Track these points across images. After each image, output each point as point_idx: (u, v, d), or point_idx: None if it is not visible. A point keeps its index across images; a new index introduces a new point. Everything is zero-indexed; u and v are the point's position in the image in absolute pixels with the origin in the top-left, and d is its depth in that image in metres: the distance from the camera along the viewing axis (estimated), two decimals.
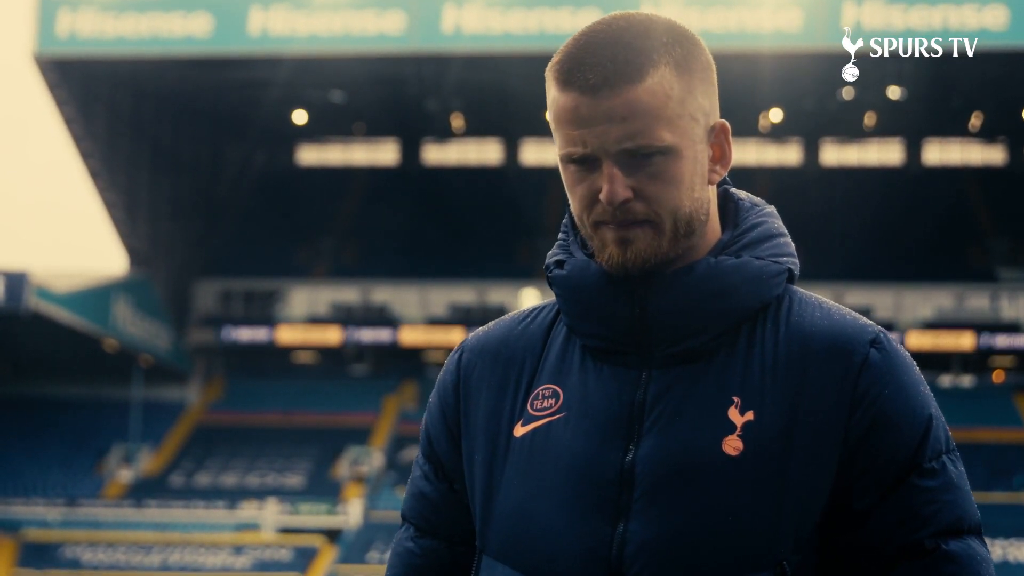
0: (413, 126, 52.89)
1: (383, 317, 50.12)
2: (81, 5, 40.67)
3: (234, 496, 42.58)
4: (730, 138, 2.07)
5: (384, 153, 56.48)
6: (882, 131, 52.79)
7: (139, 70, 43.02)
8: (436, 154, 55.82)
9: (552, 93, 2.02)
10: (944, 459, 2.03)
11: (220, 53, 41.72)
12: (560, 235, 2.15)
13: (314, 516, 40.95)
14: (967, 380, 49.72)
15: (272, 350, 50.71)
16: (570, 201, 2.05)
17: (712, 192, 2.07)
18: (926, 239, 49.88)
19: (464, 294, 50.17)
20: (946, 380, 49.44)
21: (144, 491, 43.63)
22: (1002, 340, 47.96)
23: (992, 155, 54.72)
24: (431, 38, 40.22)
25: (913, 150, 54.21)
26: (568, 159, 2.01)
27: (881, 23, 37.78)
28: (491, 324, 2.23)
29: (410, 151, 55.71)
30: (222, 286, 51.34)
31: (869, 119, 50.84)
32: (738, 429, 1.97)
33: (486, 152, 55.62)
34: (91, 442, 46.82)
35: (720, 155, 2.07)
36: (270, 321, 49.93)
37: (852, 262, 47.88)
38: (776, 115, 50.52)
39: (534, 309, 2.21)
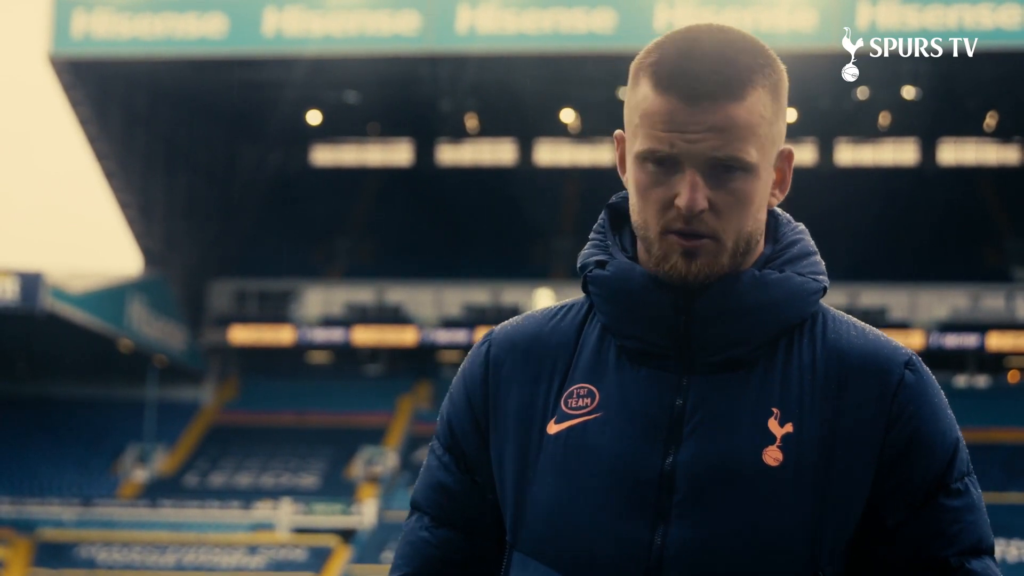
0: (427, 126, 52.90)
1: (397, 317, 50.14)
2: (96, 6, 40.75)
3: (249, 496, 42.63)
4: (792, 166, 2.12)
5: (398, 153, 56.50)
6: (897, 131, 52.69)
7: (154, 71, 43.09)
8: (450, 154, 55.82)
9: (644, 91, 2.02)
10: (967, 480, 2.09)
11: (234, 54, 41.79)
12: (595, 235, 2.16)
13: (328, 516, 40.99)
14: (982, 380, 49.60)
15: (286, 350, 50.75)
16: (638, 203, 2.05)
17: (766, 213, 2.11)
18: (941, 239, 49.78)
19: (478, 294, 50.15)
20: (961, 380, 49.34)
21: (159, 491, 43.70)
22: (1017, 340, 47.84)
23: (1007, 155, 54.59)
24: (445, 38, 40.23)
25: (928, 150, 54.10)
26: (649, 157, 2.01)
27: (896, 23, 37.73)
28: (519, 318, 2.23)
29: (424, 151, 55.72)
30: (237, 286, 51.40)
31: (884, 119, 50.75)
32: (778, 440, 2.01)
33: (500, 152, 55.61)
34: (106, 442, 46.91)
35: (781, 180, 2.11)
36: (285, 321, 49.98)
37: (867, 262, 47.79)
38: (791, 115, 50.34)
39: (563, 307, 2.21)
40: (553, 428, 2.08)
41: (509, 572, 2.12)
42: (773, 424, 2.01)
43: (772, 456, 2.00)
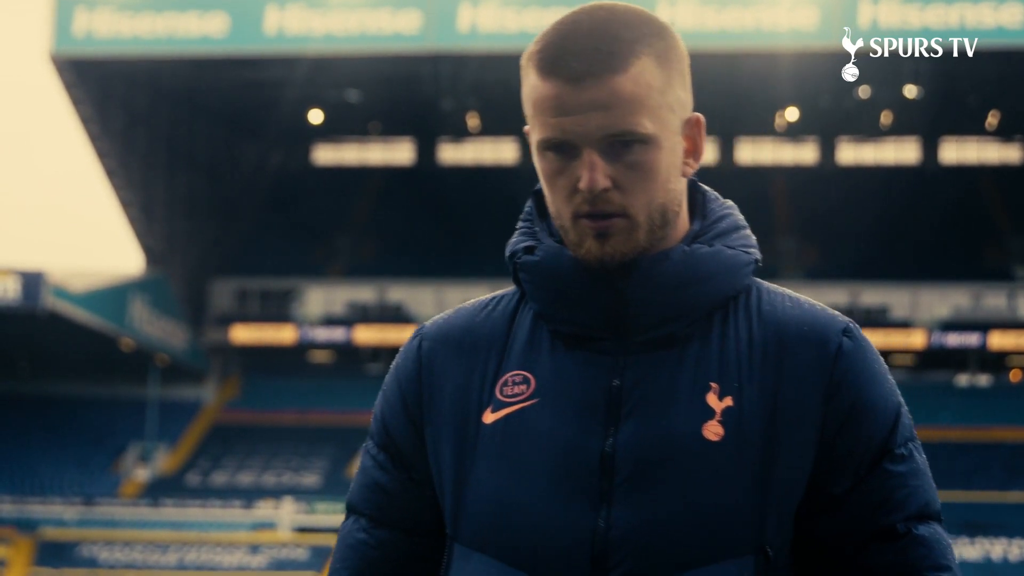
0: (429, 125, 52.90)
1: (399, 316, 50.15)
2: (98, 5, 40.77)
3: (250, 495, 42.64)
4: (704, 132, 2.10)
5: (400, 152, 56.52)
6: (898, 130, 52.67)
7: (155, 70, 43.11)
8: (452, 153, 55.84)
9: (531, 81, 2.03)
10: (911, 446, 2.08)
11: (236, 53, 41.79)
12: (523, 223, 2.16)
13: (330, 515, 40.96)
14: (984, 379, 49.59)
15: (288, 349, 50.77)
16: (547, 193, 2.05)
17: (684, 185, 2.09)
18: (942, 238, 49.78)
19: (480, 293, 49.42)
20: (963, 379, 49.35)
21: (160, 490, 43.72)
22: (1018, 340, 47.83)
23: (1009, 154, 54.58)
24: (447, 37, 40.24)
25: (930, 149, 54.10)
26: (546, 145, 2.01)
27: (897, 22, 37.72)
28: (450, 312, 2.23)
29: (426, 150, 55.74)
30: (238, 285, 51.42)
31: (885, 118, 50.74)
32: (717, 415, 1.99)
33: (502, 151, 55.61)
34: (107, 441, 46.93)
35: (693, 148, 2.09)
36: (286, 320, 50.00)
37: (868, 261, 47.80)
38: (792, 114, 50.46)
39: (494, 297, 2.21)
40: (489, 417, 2.06)
41: (451, 566, 2.09)
42: (712, 399, 2.00)
43: (712, 431, 1.98)
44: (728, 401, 2.00)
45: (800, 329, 2.05)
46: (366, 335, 49.36)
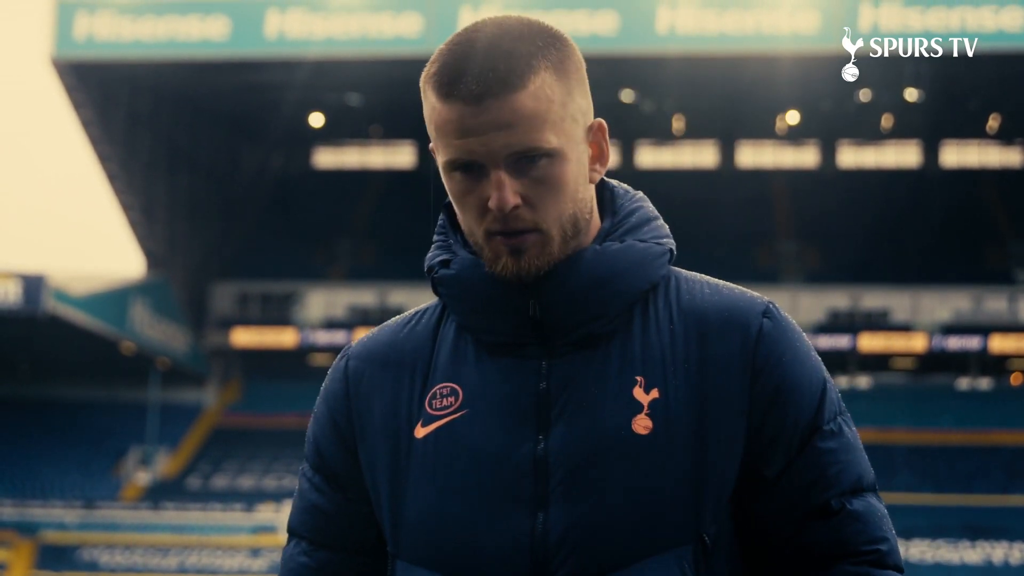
0: None
1: None
2: (99, 8, 40.78)
3: (251, 498, 42.63)
4: (607, 136, 2.11)
5: (401, 155, 56.54)
6: (899, 133, 52.67)
7: (156, 73, 43.11)
8: None
9: (431, 103, 2.04)
10: (840, 420, 2.09)
11: (237, 56, 41.79)
12: (437, 236, 2.16)
13: None
14: (984, 383, 49.57)
15: (289, 352, 50.77)
16: (459, 212, 2.06)
17: (592, 190, 2.11)
18: (943, 241, 49.76)
19: None
20: (964, 383, 49.32)
21: (161, 493, 43.71)
22: (1018, 343, 47.82)
23: (1010, 157, 54.57)
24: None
25: (930, 152, 54.10)
26: (453, 166, 2.01)
27: (898, 25, 37.71)
28: (375, 330, 2.23)
29: (427, 154, 55.55)
30: (239, 288, 51.43)
31: (886, 121, 50.75)
32: (645, 408, 2.01)
33: None
34: (108, 444, 46.92)
35: (599, 154, 2.10)
36: (287, 323, 50.01)
37: (869, 264, 47.79)
38: (793, 117, 50.45)
39: (417, 312, 2.21)
40: (420, 432, 2.07)
41: None
42: (639, 392, 2.02)
43: (642, 424, 2.00)
44: (655, 393, 2.02)
45: (720, 315, 2.07)
46: None
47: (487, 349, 2.08)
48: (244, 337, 49.62)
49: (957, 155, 54.57)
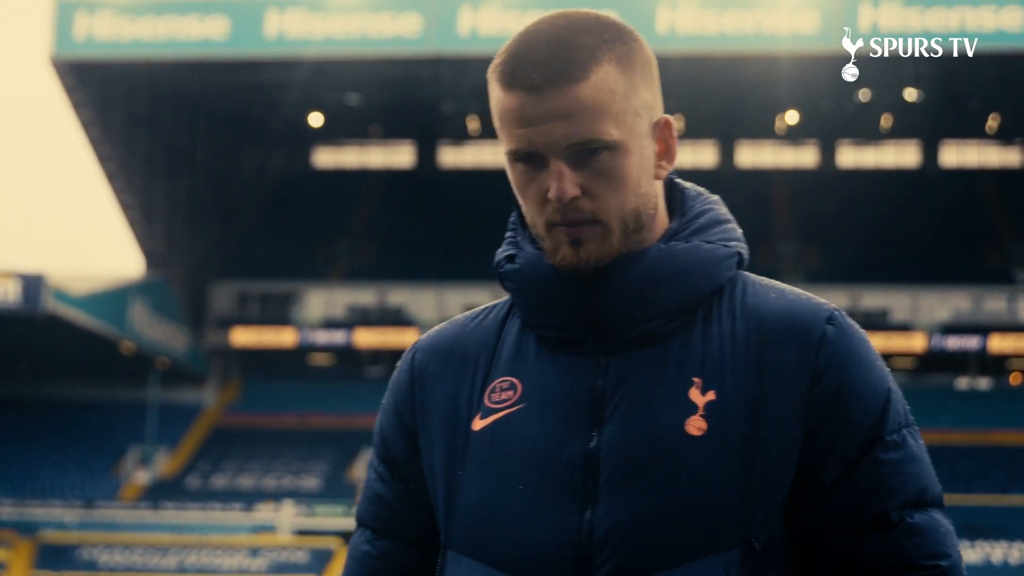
0: (429, 128, 52.93)
1: (399, 319, 50.16)
2: (98, 8, 40.79)
3: (250, 498, 42.63)
4: (674, 133, 2.09)
5: (400, 155, 56.54)
6: (899, 133, 52.69)
7: (156, 73, 43.12)
8: (452, 156, 55.86)
9: (496, 93, 2.02)
10: (904, 432, 2.06)
11: (236, 56, 41.81)
12: (508, 232, 2.19)
13: (330, 518, 40.95)
14: (984, 383, 49.60)
15: (288, 352, 50.78)
16: (521, 203, 2.08)
17: (658, 187, 2.10)
18: (943, 241, 49.78)
19: (480, 296, 50.11)
20: (963, 382, 49.34)
21: (161, 493, 43.71)
22: (1018, 343, 47.85)
23: (1009, 157, 54.59)
24: (447, 40, 40.25)
25: (930, 152, 54.11)
26: (515, 157, 2.03)
27: (898, 25, 37.73)
28: (444, 323, 2.24)
29: (426, 153, 55.75)
30: (238, 288, 51.43)
31: (885, 121, 50.76)
32: (700, 409, 1.99)
33: (501, 155, 54.94)
34: (108, 444, 46.92)
35: (665, 150, 2.09)
36: (286, 323, 50.02)
37: (869, 264, 47.81)
38: (792, 117, 50.47)
39: (486, 307, 2.23)
40: (478, 424, 2.08)
41: (444, 572, 2.11)
42: (695, 394, 2.00)
43: (695, 426, 1.98)
44: (711, 395, 2.00)
45: (783, 320, 2.05)
46: (366, 338, 49.36)
47: (547, 345, 2.09)
48: (243, 337, 49.62)
49: (956, 155, 54.59)
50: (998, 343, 47.50)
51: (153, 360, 46.94)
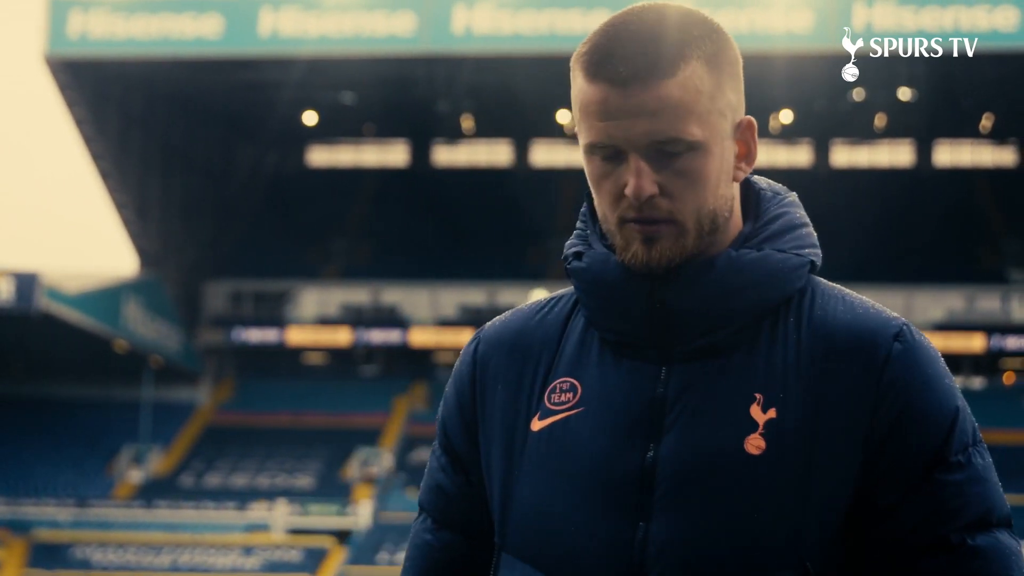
0: (423, 127, 52.91)
1: (393, 318, 50.15)
2: (92, 6, 40.74)
3: (244, 497, 42.62)
4: (756, 135, 2.07)
5: (394, 154, 56.52)
6: (893, 132, 52.74)
7: (150, 71, 43.08)
8: (446, 155, 55.85)
9: (579, 83, 1.97)
10: (970, 452, 2.01)
11: (231, 54, 41.78)
12: (579, 225, 2.12)
13: (324, 517, 40.98)
14: (978, 382, 49.63)
15: (282, 351, 50.75)
16: (594, 196, 2.02)
17: (736, 188, 2.05)
18: (937, 241, 49.82)
19: (474, 295, 50.16)
20: (957, 382, 49.29)
21: (154, 492, 43.69)
22: (1013, 342, 47.87)
23: (1003, 156, 54.64)
24: (441, 39, 40.23)
25: (924, 151, 54.16)
26: (593, 150, 1.97)
27: (892, 24, 37.74)
28: (508, 314, 2.19)
29: (420, 152, 55.74)
30: (232, 287, 51.40)
31: (879, 120, 50.79)
32: (760, 428, 1.94)
33: (496, 153, 55.63)
34: (101, 443, 46.88)
35: (746, 152, 2.05)
36: (280, 322, 49.99)
37: (862, 263, 47.80)
38: (786, 116, 50.48)
39: (552, 299, 2.17)
40: (537, 425, 2.05)
41: (498, 573, 2.09)
42: (756, 410, 1.95)
43: (754, 444, 1.93)
44: (772, 413, 1.95)
45: (849, 334, 1.99)
46: (361, 337, 49.36)
47: (611, 348, 2.04)
48: (237, 335, 49.58)
49: (951, 155, 54.64)
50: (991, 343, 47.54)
51: (147, 359, 46.91)
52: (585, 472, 1.99)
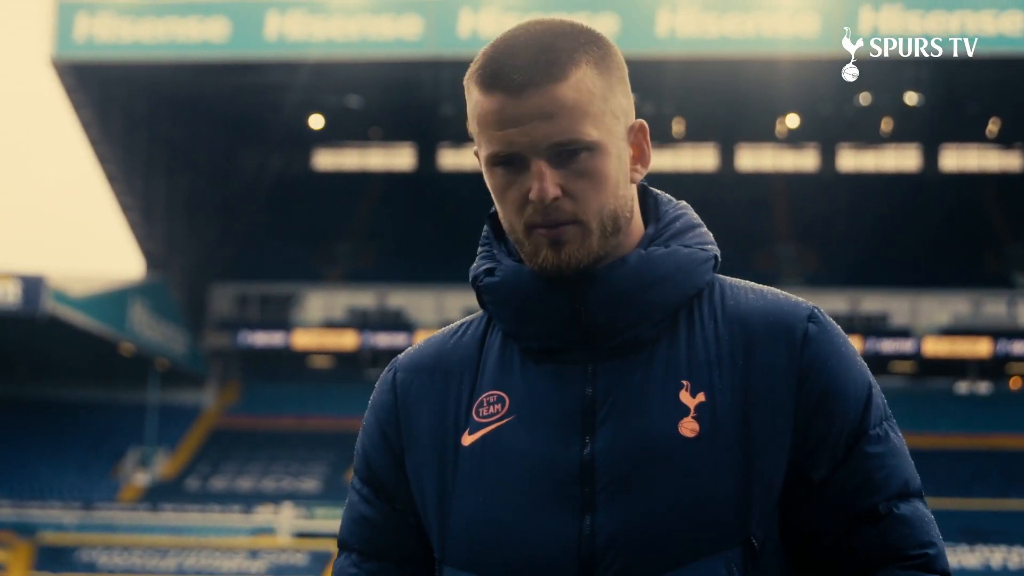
0: (429, 131, 52.94)
1: (399, 321, 50.16)
2: (99, 9, 40.79)
3: (250, 500, 42.62)
4: (648, 138, 2.12)
5: (400, 158, 56.54)
6: (899, 137, 52.70)
7: (156, 74, 43.12)
8: (452, 159, 55.85)
9: (475, 98, 2.07)
10: (886, 425, 2.11)
11: (237, 58, 41.81)
12: (481, 247, 2.18)
13: (330, 520, 40.93)
14: (984, 387, 49.58)
15: (288, 354, 50.76)
16: (499, 207, 2.08)
17: (634, 191, 2.11)
18: (943, 245, 49.77)
19: None
20: (963, 387, 49.31)
21: (160, 495, 43.70)
22: (1019, 347, 47.82)
23: (1009, 161, 54.58)
24: (447, 43, 40.24)
25: (930, 156, 54.11)
26: (495, 160, 2.04)
27: (898, 28, 37.74)
28: (421, 342, 2.24)
29: (426, 156, 55.75)
30: (238, 290, 51.42)
31: (886, 125, 50.76)
32: (692, 411, 2.02)
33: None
34: (107, 445, 46.91)
35: (640, 154, 2.11)
36: (286, 325, 50.00)
37: (868, 268, 47.79)
38: (793, 120, 50.46)
39: (463, 323, 2.24)
40: (467, 440, 2.09)
41: None
42: (685, 396, 2.02)
43: (688, 428, 2.01)
44: (701, 397, 2.02)
45: (766, 320, 2.07)
46: (366, 340, 49.37)
47: (532, 356, 2.09)
48: (243, 339, 49.61)
49: (956, 159, 54.59)
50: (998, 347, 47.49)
51: (152, 361, 46.93)
52: (524, 476, 2.03)
